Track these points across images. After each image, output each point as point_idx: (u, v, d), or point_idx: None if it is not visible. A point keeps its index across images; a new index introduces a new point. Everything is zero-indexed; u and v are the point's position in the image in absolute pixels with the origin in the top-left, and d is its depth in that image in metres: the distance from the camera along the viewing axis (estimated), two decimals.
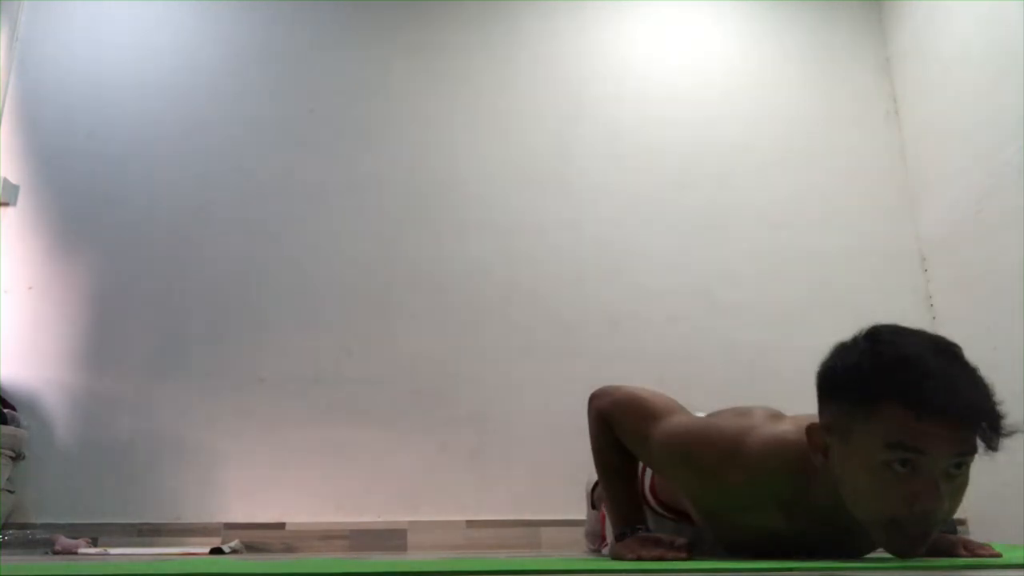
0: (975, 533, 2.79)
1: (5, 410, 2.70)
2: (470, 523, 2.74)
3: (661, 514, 1.52)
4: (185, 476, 2.79)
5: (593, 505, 2.15)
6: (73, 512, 2.70)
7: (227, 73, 3.30)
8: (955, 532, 1.33)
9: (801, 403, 3.01)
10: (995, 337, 2.76)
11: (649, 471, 1.52)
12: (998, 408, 1.01)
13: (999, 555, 1.21)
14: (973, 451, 1.01)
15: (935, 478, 0.99)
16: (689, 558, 1.22)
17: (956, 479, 1.02)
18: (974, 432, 1.00)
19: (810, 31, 3.53)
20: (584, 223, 3.17)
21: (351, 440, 2.86)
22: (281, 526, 2.75)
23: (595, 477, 2.00)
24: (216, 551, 2.38)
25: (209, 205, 3.12)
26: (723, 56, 3.46)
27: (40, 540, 2.51)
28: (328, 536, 2.73)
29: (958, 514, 3.03)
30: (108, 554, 2.30)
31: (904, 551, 1.04)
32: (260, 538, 2.71)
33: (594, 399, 1.45)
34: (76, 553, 2.34)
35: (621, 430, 1.37)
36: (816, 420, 1.15)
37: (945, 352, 1.05)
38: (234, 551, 2.49)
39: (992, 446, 1.01)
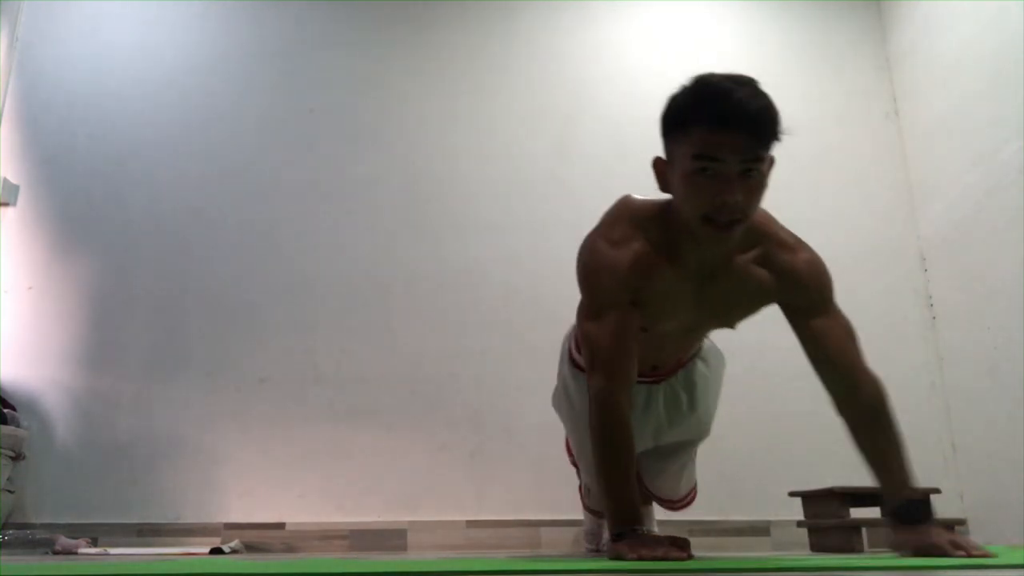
0: (975, 533, 2.79)
1: (5, 410, 2.70)
2: (470, 523, 2.74)
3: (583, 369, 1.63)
4: (185, 476, 2.79)
5: (587, 508, 2.16)
6: (73, 512, 2.70)
7: (227, 73, 3.30)
8: (943, 527, 1.32)
9: (802, 403, 3.01)
10: (995, 337, 2.76)
11: (569, 343, 1.77)
12: (771, 121, 1.26)
13: (993, 555, 1.20)
14: (757, 158, 1.26)
15: (730, 178, 1.25)
16: (690, 558, 1.22)
17: (750, 180, 1.27)
18: (757, 141, 1.25)
19: (810, 31, 3.53)
20: (584, 223, 3.15)
21: (351, 440, 2.86)
22: (281, 526, 2.75)
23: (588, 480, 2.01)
24: (216, 551, 2.38)
25: (209, 205, 3.12)
26: (723, 56, 3.46)
27: (40, 540, 2.51)
28: (328, 536, 2.73)
29: (958, 514, 3.03)
30: (108, 554, 2.30)
31: (717, 239, 1.32)
32: (260, 538, 2.71)
33: (590, 387, 1.47)
34: (76, 553, 2.34)
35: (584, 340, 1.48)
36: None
37: (740, 81, 1.29)
38: (234, 551, 2.49)
39: (763, 157, 1.27)
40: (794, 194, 3.29)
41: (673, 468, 1.95)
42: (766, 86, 1.35)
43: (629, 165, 3.38)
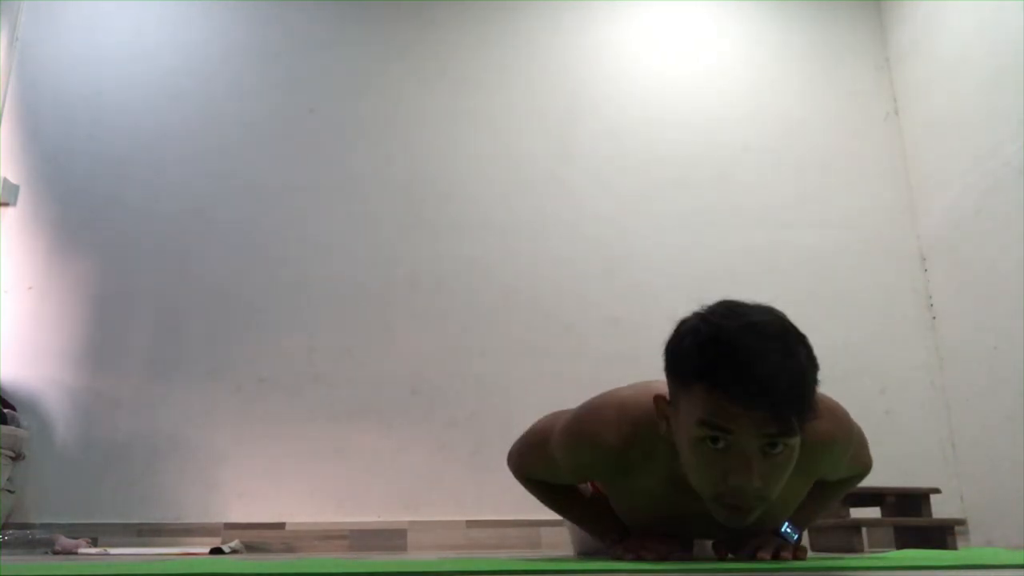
0: (975, 533, 2.80)
1: (5, 410, 2.70)
2: (470, 523, 2.74)
3: None
4: (185, 476, 2.79)
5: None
6: (73, 512, 2.70)
7: (227, 73, 3.30)
8: (797, 538, 1.27)
9: None
10: (995, 337, 2.76)
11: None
12: (802, 396, 0.99)
13: (796, 559, 1.14)
14: (785, 432, 0.99)
15: (747, 456, 0.99)
16: (691, 557, 1.22)
17: (775, 457, 1.00)
18: (787, 419, 0.98)
19: (810, 31, 3.53)
20: (584, 223, 3.17)
21: (351, 440, 2.86)
22: (281, 526, 2.75)
23: None
24: (216, 551, 2.38)
25: (209, 205, 3.12)
26: (723, 56, 3.46)
27: (40, 540, 2.51)
28: (328, 536, 2.73)
29: (958, 514, 3.03)
30: (108, 554, 2.30)
31: (729, 522, 1.06)
32: (260, 538, 2.70)
33: (511, 466, 1.43)
34: (76, 553, 2.34)
35: (533, 470, 1.38)
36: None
37: (765, 334, 1.01)
38: (234, 551, 2.49)
39: (792, 431, 0.99)
40: (794, 194, 3.30)
41: None
42: (766, 86, 1.31)
43: (629, 165, 3.40)
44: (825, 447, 1.16)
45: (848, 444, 1.23)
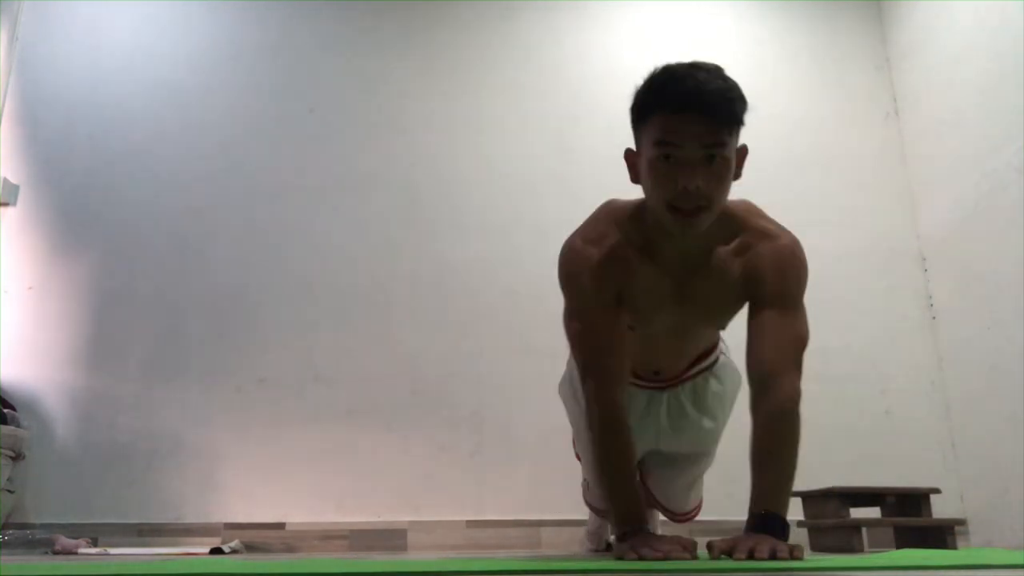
0: (975, 533, 2.80)
1: (5, 410, 2.70)
2: (470, 523, 2.74)
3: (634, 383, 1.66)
4: (185, 476, 2.79)
5: (587, 503, 2.15)
6: (73, 512, 2.70)
7: (227, 73, 3.30)
8: (785, 537, 1.26)
9: (804, 403, 2.99)
10: (995, 337, 2.76)
11: None
12: (729, 109, 1.25)
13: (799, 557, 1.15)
14: (719, 143, 1.25)
15: (691, 162, 1.24)
16: (694, 558, 1.22)
17: (713, 166, 1.26)
18: (717, 124, 1.24)
19: (810, 31, 3.53)
20: None
21: (351, 440, 2.86)
22: (281, 526, 2.75)
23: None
24: (216, 551, 2.38)
25: (209, 205, 3.12)
26: (723, 56, 3.44)
27: (40, 540, 2.51)
28: (328, 536, 2.74)
29: (958, 514, 3.02)
30: (108, 554, 2.30)
31: (682, 227, 1.29)
32: (260, 538, 2.70)
33: (584, 391, 1.45)
34: (76, 553, 2.34)
35: (585, 343, 1.45)
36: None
37: (701, 66, 1.27)
38: (234, 551, 2.49)
39: (724, 142, 1.25)
40: (794, 194, 3.29)
41: (681, 483, 1.92)
42: (766, 86, 1.35)
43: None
44: (762, 239, 1.39)
45: (783, 254, 1.39)
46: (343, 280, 3.06)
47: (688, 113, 1.23)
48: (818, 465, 2.75)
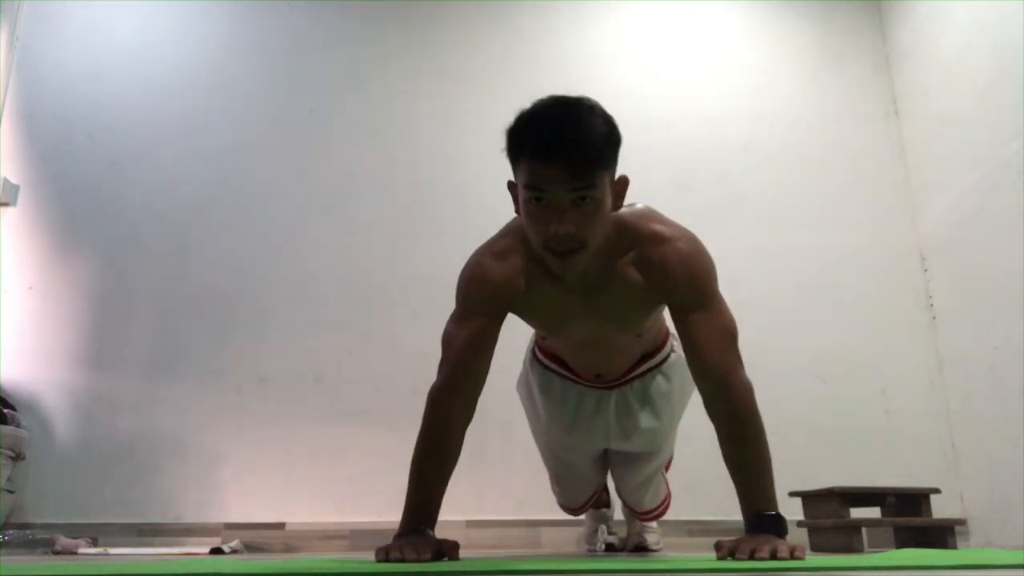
0: (975, 533, 2.80)
1: (5, 410, 2.70)
2: (470, 523, 2.74)
3: (547, 366, 1.76)
4: (185, 476, 2.79)
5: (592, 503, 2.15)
6: (73, 512, 2.70)
7: (227, 73, 3.30)
8: (784, 532, 1.26)
9: (801, 403, 3.01)
10: (995, 337, 2.76)
11: (534, 334, 1.77)
12: (591, 153, 1.22)
13: (798, 558, 1.15)
14: (585, 186, 1.23)
15: (561, 207, 1.24)
16: (441, 559, 1.24)
17: (584, 207, 1.25)
18: (580, 170, 1.22)
19: (810, 31, 3.53)
20: None
21: (351, 440, 2.86)
22: (281, 526, 2.75)
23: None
24: (216, 551, 2.38)
25: (209, 205, 3.12)
26: (723, 56, 3.46)
27: (40, 540, 2.51)
28: (328, 536, 2.73)
29: (958, 514, 3.02)
30: (108, 554, 2.30)
31: (561, 267, 1.32)
32: (260, 538, 2.70)
33: (434, 383, 1.48)
34: (76, 553, 2.34)
35: (455, 345, 1.46)
36: None
37: (567, 106, 1.26)
38: (234, 551, 2.49)
39: (590, 184, 1.23)
40: (795, 194, 3.30)
41: (636, 481, 1.94)
42: (766, 86, 1.34)
43: (628, 165, 3.39)
44: (659, 244, 1.38)
45: (684, 256, 1.38)
46: (343, 280, 3.06)
47: (552, 160, 1.22)
48: (818, 465, 2.77)
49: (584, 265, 1.33)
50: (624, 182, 1.34)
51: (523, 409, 1.92)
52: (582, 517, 2.30)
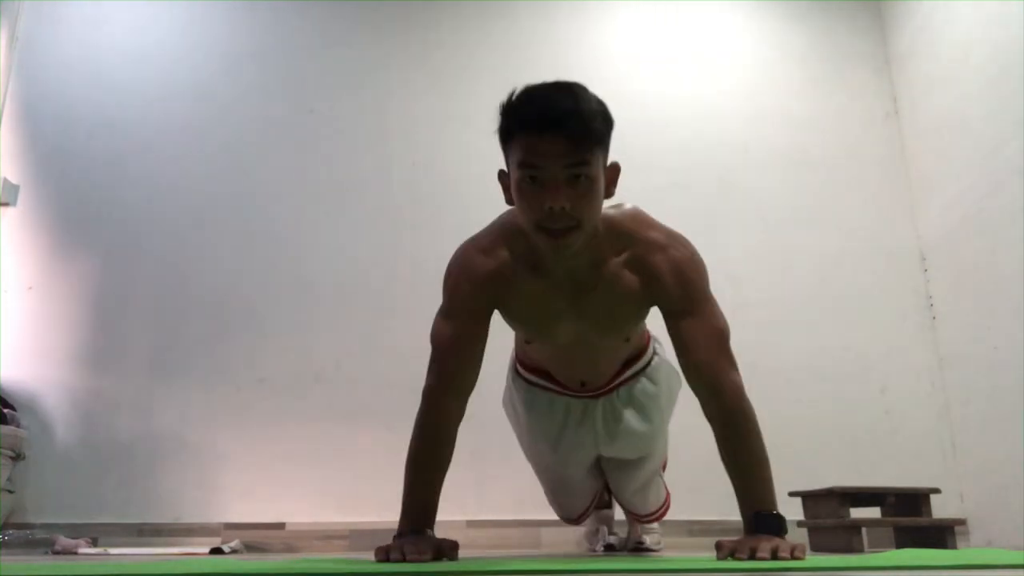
0: (975, 533, 2.80)
1: (5, 410, 2.70)
2: (470, 523, 2.74)
3: (530, 380, 1.73)
4: (185, 476, 2.79)
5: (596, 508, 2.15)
6: (73, 512, 2.70)
7: (227, 73, 3.30)
8: (784, 531, 1.26)
9: (802, 403, 3.00)
10: (995, 337, 2.76)
11: (514, 350, 1.76)
12: (588, 127, 1.23)
13: (796, 558, 1.15)
14: (580, 161, 1.23)
15: (555, 183, 1.23)
16: (443, 559, 1.25)
17: (579, 185, 1.24)
18: (576, 143, 1.22)
19: (810, 31, 3.52)
20: None
21: (351, 440, 2.86)
22: (281, 526, 2.75)
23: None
24: (216, 551, 2.38)
25: (209, 205, 3.12)
26: (723, 57, 3.46)
27: (40, 540, 2.51)
28: (328, 536, 2.73)
29: (958, 514, 3.02)
30: (108, 554, 2.30)
31: (555, 248, 1.29)
32: (260, 538, 2.70)
33: (425, 384, 1.50)
34: (76, 553, 2.34)
35: (443, 346, 1.48)
36: None
37: (560, 86, 1.29)
38: (234, 551, 2.49)
39: (585, 161, 1.23)
40: (795, 194, 3.30)
41: (634, 486, 1.92)
42: (766, 86, 1.34)
43: (629, 166, 3.38)
44: (655, 251, 1.38)
45: (678, 262, 1.39)
46: (343, 280, 3.06)
47: (547, 133, 1.22)
48: (818, 465, 2.77)
49: (578, 247, 1.31)
50: (616, 168, 1.34)
51: (510, 425, 1.92)
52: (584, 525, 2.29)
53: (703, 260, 1.45)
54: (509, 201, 1.35)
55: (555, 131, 1.21)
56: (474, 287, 1.42)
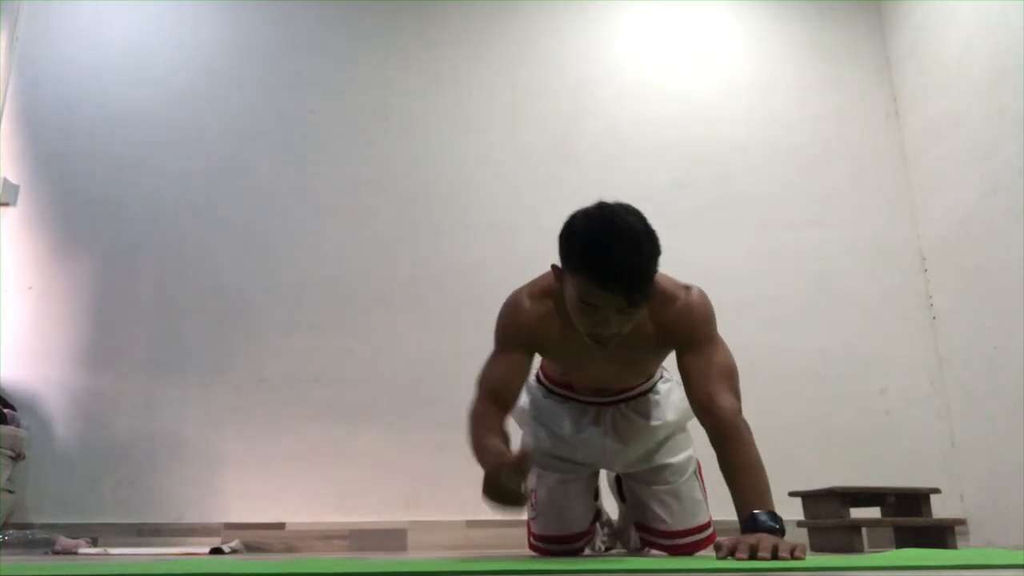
0: (975, 533, 2.80)
1: (5, 410, 2.70)
2: (470, 523, 2.74)
3: (551, 389, 1.91)
4: (185, 476, 2.79)
5: (622, 498, 2.12)
6: (73, 512, 2.70)
7: (227, 73, 3.30)
8: (782, 530, 1.27)
9: (802, 403, 3.00)
10: (995, 337, 2.76)
11: (538, 363, 1.92)
12: (643, 287, 1.40)
13: (796, 558, 1.16)
14: (632, 306, 1.42)
15: (608, 317, 1.43)
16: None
17: (626, 314, 1.44)
18: (631, 298, 1.40)
19: (810, 31, 3.53)
20: None
21: (351, 440, 2.86)
22: (281, 526, 2.75)
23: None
24: (216, 551, 2.38)
25: (209, 205, 3.12)
26: (723, 56, 3.46)
27: (40, 540, 2.51)
28: (328, 536, 2.74)
29: (958, 514, 3.01)
30: (108, 554, 2.30)
31: (598, 348, 1.50)
32: (260, 538, 2.71)
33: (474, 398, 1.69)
34: (76, 553, 2.34)
35: (493, 374, 1.68)
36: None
37: (627, 243, 1.39)
38: (234, 551, 2.49)
39: (636, 305, 1.43)
40: (794, 194, 3.30)
41: (679, 506, 1.84)
42: (766, 86, 1.34)
43: (629, 165, 3.39)
44: (669, 303, 1.57)
45: (686, 312, 1.57)
46: (343, 280, 3.06)
47: (608, 286, 1.38)
48: (818, 465, 2.77)
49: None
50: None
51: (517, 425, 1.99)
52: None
53: (711, 304, 1.62)
54: (556, 279, 1.54)
55: (615, 288, 1.38)
56: (520, 329, 1.63)
